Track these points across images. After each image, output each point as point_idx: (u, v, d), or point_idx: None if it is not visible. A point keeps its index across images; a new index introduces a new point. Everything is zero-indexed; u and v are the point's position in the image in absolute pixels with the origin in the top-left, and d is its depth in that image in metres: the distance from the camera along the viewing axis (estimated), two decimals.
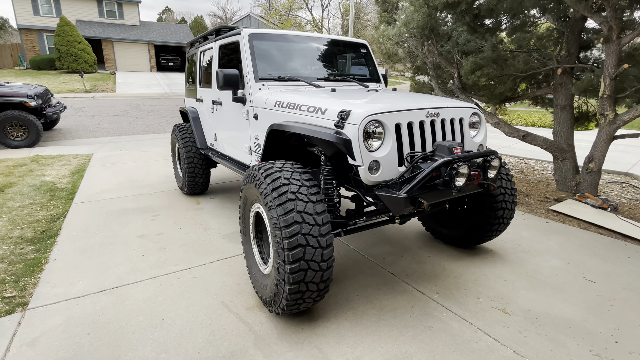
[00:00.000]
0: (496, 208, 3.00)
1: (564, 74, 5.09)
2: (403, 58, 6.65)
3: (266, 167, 2.28)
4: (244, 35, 3.22)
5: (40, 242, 3.55)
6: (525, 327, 2.36)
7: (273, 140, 2.81)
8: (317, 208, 2.08)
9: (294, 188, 2.10)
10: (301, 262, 1.99)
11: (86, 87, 18.42)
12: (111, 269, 3.05)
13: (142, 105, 15.51)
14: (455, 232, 3.38)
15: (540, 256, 3.37)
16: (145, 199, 4.86)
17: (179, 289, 2.76)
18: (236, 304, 2.56)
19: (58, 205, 4.65)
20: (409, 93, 3.38)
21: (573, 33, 5.00)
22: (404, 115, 2.28)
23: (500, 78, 5.35)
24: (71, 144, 8.86)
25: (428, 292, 2.74)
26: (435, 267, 3.12)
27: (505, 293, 2.75)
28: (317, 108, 2.40)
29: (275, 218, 2.04)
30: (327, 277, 2.11)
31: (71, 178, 5.89)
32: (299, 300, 2.11)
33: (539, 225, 4.13)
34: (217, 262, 3.18)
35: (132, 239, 3.63)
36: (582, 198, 4.87)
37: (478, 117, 2.74)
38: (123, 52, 27.40)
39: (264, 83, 3.12)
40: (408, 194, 2.07)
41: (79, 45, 22.24)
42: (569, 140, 5.24)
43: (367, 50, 3.91)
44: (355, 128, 2.11)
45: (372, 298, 2.65)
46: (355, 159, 2.13)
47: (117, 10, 27.87)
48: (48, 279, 2.89)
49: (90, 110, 13.59)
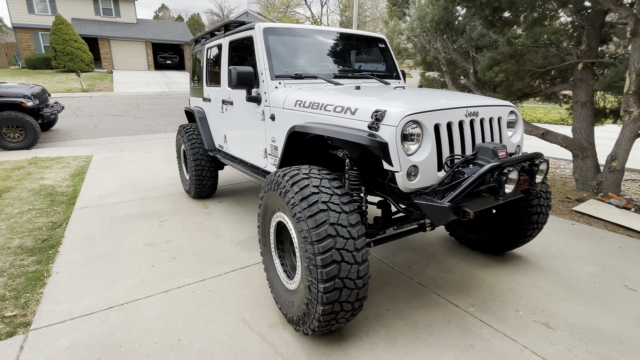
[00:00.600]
0: (531, 213, 2.81)
1: (585, 69, 4.90)
2: (413, 54, 6.44)
3: (291, 173, 2.07)
4: (258, 30, 3.01)
5: (42, 252, 3.34)
6: (574, 344, 2.18)
7: (293, 143, 2.60)
8: (351, 219, 1.88)
9: (324, 197, 1.89)
10: (336, 281, 1.79)
11: (83, 86, 18.12)
12: (119, 282, 2.84)
13: (141, 105, 15.25)
14: (484, 237, 3.19)
15: (573, 262, 3.18)
16: (151, 204, 4.65)
17: (194, 304, 2.56)
18: (258, 321, 2.36)
19: (59, 211, 4.43)
20: (440, 90, 3.17)
21: (594, 27, 4.80)
22: (443, 115, 2.08)
23: (517, 74, 5.15)
24: (70, 145, 8.62)
25: (463, 304, 2.55)
26: (465, 276, 2.93)
27: (545, 304, 2.56)
28: (345, 108, 2.19)
29: (305, 231, 1.84)
30: (363, 295, 1.91)
31: (71, 181, 5.67)
32: (332, 320, 1.92)
33: (565, 227, 3.95)
34: (232, 272, 2.98)
35: (140, 248, 3.42)
36: (605, 198, 4.68)
37: (515, 115, 2.54)
38: (120, 50, 27.03)
39: (281, 81, 2.91)
40: (452, 203, 1.87)
41: (75, 44, 21.88)
42: (589, 138, 5.05)
43: (385, 45, 3.70)
44: (392, 130, 1.91)
45: (404, 313, 2.45)
46: (392, 164, 1.93)
47: (114, 8, 27.46)
48: (51, 294, 2.68)
49: (88, 110, 13.32)
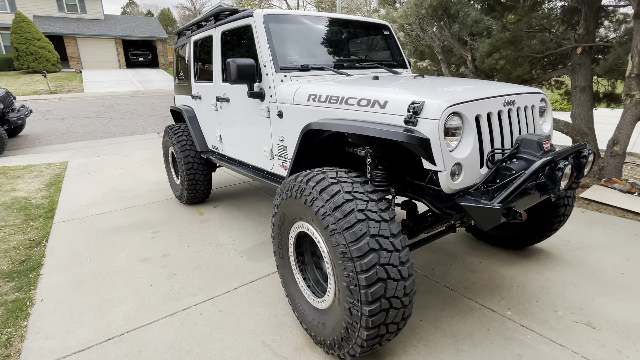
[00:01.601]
0: (558, 205, 2.66)
1: (583, 53, 4.82)
2: (405, 43, 6.23)
3: (317, 177, 1.82)
4: (258, 18, 2.70)
5: (21, 276, 2.96)
6: (623, 345, 2.04)
7: (306, 142, 2.34)
8: (392, 229, 1.65)
9: (361, 205, 1.65)
10: (382, 301, 1.56)
11: (51, 87, 17.06)
12: (116, 307, 2.52)
13: (115, 105, 14.48)
14: (506, 233, 3.03)
15: (595, 253, 3.08)
16: (139, 213, 4.28)
17: (205, 328, 2.28)
18: (280, 344, 2.11)
19: (36, 226, 4.01)
20: (463, 79, 2.97)
21: (591, 10, 4.72)
22: (483, 105, 1.86)
23: (515, 61, 5.03)
24: (41, 151, 8.00)
25: (498, 308, 2.38)
26: (493, 276, 2.76)
27: (582, 302, 2.43)
28: (372, 101, 1.95)
29: (343, 245, 1.59)
30: (409, 314, 1.69)
31: (47, 192, 5.20)
32: (376, 345, 1.69)
33: (577, 215, 3.86)
34: (242, 287, 2.70)
35: (134, 265, 3.09)
36: (608, 183, 4.65)
37: (545, 103, 2.36)
38: (88, 48, 25.65)
39: (286, 74, 2.63)
40: (503, 204, 1.67)
41: (38, 43, 20.55)
42: (589, 123, 5.01)
43: (390, 32, 3.46)
44: (434, 123, 1.68)
45: (439, 322, 2.26)
46: (434, 163, 1.71)
47: (79, 4, 25.93)
48: (38, 327, 2.34)
49: (58, 113, 12.51)
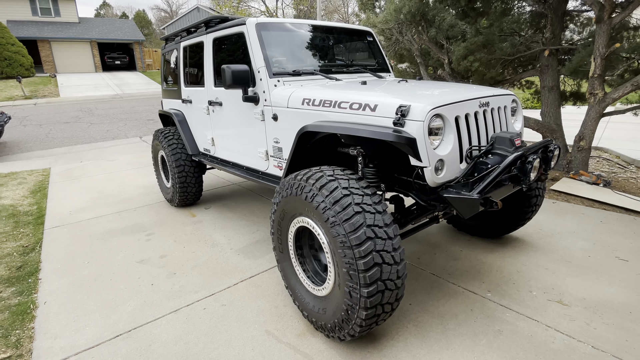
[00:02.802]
0: (530, 195, 2.93)
1: (550, 55, 5.18)
2: (386, 47, 6.48)
3: (316, 175, 1.99)
4: (250, 26, 2.85)
5: (20, 281, 2.99)
6: (591, 318, 2.30)
7: (302, 143, 2.50)
8: (385, 219, 1.83)
9: (357, 199, 1.83)
10: (378, 283, 1.75)
11: (25, 93, 16.53)
12: (120, 306, 2.61)
13: (94, 110, 14.20)
14: (483, 223, 3.29)
15: (565, 239, 3.38)
16: (131, 216, 4.33)
17: (210, 321, 2.40)
18: (283, 332, 2.27)
19: (27, 232, 4.00)
20: (444, 82, 3.20)
21: (557, 15, 5.08)
22: (462, 107, 2.08)
23: (489, 63, 5.35)
24: (21, 158, 7.83)
25: (479, 291, 2.61)
26: (473, 262, 3.00)
27: (553, 282, 2.69)
28: (363, 104, 2.13)
29: (342, 235, 1.77)
30: (401, 295, 1.88)
31: (33, 198, 5.15)
32: (373, 324, 1.88)
33: (548, 206, 4.18)
34: (241, 283, 2.84)
35: (133, 266, 3.17)
36: (576, 176, 5.02)
37: (516, 103, 2.62)
38: (63, 52, 24.91)
39: (279, 79, 2.78)
40: (481, 195, 1.88)
41: (12, 48, 19.84)
42: (557, 120, 5.38)
43: (373, 38, 3.67)
44: (419, 125, 1.88)
45: (426, 305, 2.46)
46: (420, 160, 1.91)
47: (52, 7, 25.13)
48: (45, 328, 2.41)
49: (35, 119, 12.19)
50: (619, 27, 4.76)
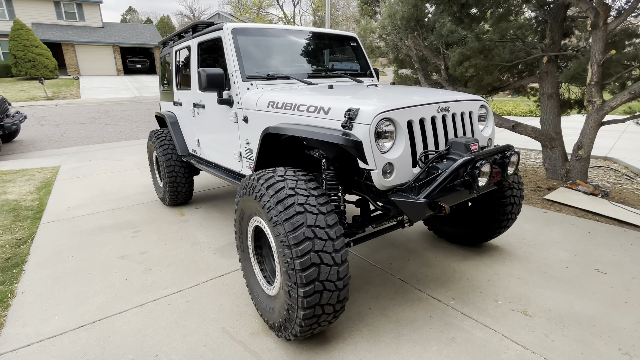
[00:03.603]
0: (505, 204, 2.87)
1: (549, 62, 5.07)
2: (386, 52, 6.49)
3: (266, 176, 2.03)
4: (227, 31, 2.93)
5: (5, 271, 3.14)
6: (550, 330, 2.23)
7: (267, 144, 2.55)
8: (328, 220, 1.85)
9: (301, 199, 1.86)
10: (316, 284, 1.76)
11: (48, 94, 17.31)
12: (91, 299, 2.71)
13: (110, 111, 14.72)
14: (461, 230, 3.24)
15: (546, 249, 3.28)
16: (123, 214, 4.48)
17: (171, 316, 2.46)
18: (238, 330, 2.30)
19: (24, 226, 4.19)
20: (411, 87, 3.20)
21: (556, 21, 4.98)
22: (415, 111, 2.08)
23: (486, 69, 5.28)
24: (35, 156, 8.20)
25: (444, 298, 2.57)
26: (445, 270, 2.96)
27: (522, 292, 2.63)
28: (318, 107, 2.17)
29: (282, 235, 1.79)
30: (344, 297, 1.89)
31: (37, 194, 5.39)
32: (314, 324, 1.89)
33: (538, 216, 4.07)
34: (210, 281, 2.89)
35: (113, 261, 3.28)
36: (573, 185, 4.87)
37: (486, 109, 2.59)
38: (86, 55, 25.99)
39: (253, 82, 2.85)
40: (428, 199, 1.88)
41: (36, 50, 20.87)
42: (556, 129, 5.24)
43: (357, 44, 3.70)
44: (365, 128, 1.90)
45: (386, 310, 2.45)
46: (367, 163, 1.92)
47: (77, 12, 26.35)
48: (17, 316, 2.52)
49: (53, 119, 12.73)
50: (621, 33, 4.63)
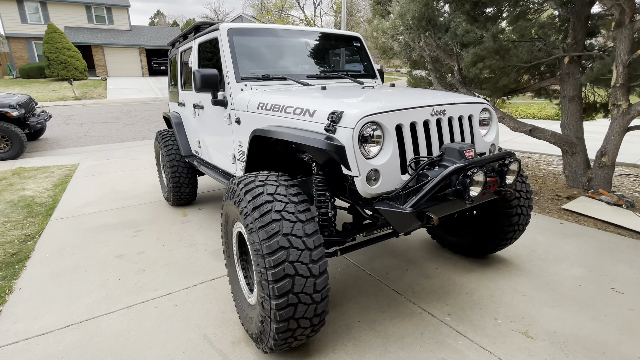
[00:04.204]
0: (511, 214, 2.68)
1: (571, 63, 4.77)
2: (399, 52, 6.31)
3: (247, 180, 1.95)
4: (223, 31, 2.89)
5: (9, 267, 3.21)
6: (554, 355, 2.04)
7: (257, 147, 2.48)
8: (307, 229, 1.75)
9: (279, 206, 1.77)
10: (289, 296, 1.66)
11: (76, 94, 18.04)
12: (82, 298, 2.72)
13: (132, 111, 15.15)
14: (465, 240, 3.06)
15: (559, 264, 3.05)
16: (129, 213, 4.53)
17: (156, 320, 2.43)
18: (220, 338, 2.24)
19: (35, 222, 4.31)
20: (409, 89, 3.05)
21: (579, 19, 4.68)
22: (405, 115, 1.95)
23: (503, 70, 5.02)
24: (57, 154, 8.50)
25: (439, 313, 2.42)
26: (445, 282, 2.80)
27: (526, 311, 2.43)
28: (304, 110, 2.07)
29: (257, 243, 1.71)
30: (322, 310, 1.78)
31: (53, 191, 5.55)
32: (289, 338, 1.79)
33: (553, 227, 3.82)
34: (200, 285, 2.85)
35: (110, 260, 3.30)
36: (595, 195, 4.55)
37: (489, 113, 2.41)
38: (114, 57, 26.98)
39: (247, 83, 2.79)
40: (414, 208, 1.75)
41: (68, 52, 21.82)
42: (578, 133, 4.92)
43: (361, 44, 3.58)
44: (349, 132, 1.79)
45: (375, 324, 2.32)
46: (350, 169, 1.81)
47: (107, 15, 27.42)
48: (10, 312, 2.56)
49: (79, 118, 13.22)
50: None
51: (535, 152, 7.76)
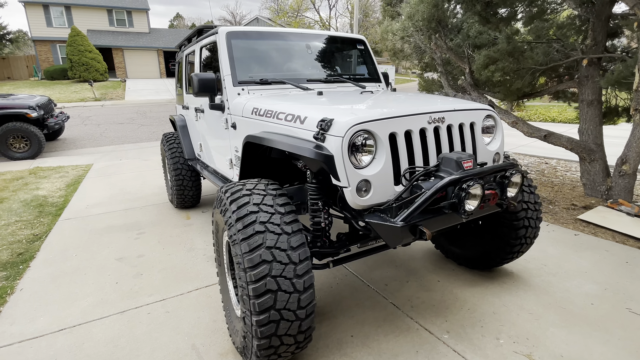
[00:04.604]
0: (517, 226, 2.54)
1: (590, 65, 4.54)
2: (410, 54, 6.18)
3: (234, 189, 1.89)
4: (221, 35, 2.86)
5: (13, 267, 3.27)
6: None
7: (251, 153, 2.42)
8: (292, 241, 1.68)
9: (263, 217, 1.70)
10: (271, 312, 1.59)
11: (96, 95, 18.54)
12: (79, 301, 2.72)
13: (148, 112, 15.44)
14: (470, 252, 2.92)
15: (571, 280, 2.88)
16: (134, 214, 4.56)
17: (147, 327, 2.40)
18: (208, 349, 2.19)
19: (44, 222, 4.39)
20: (410, 94, 2.95)
21: (599, 19, 4.44)
22: (399, 123, 1.85)
23: (517, 72, 4.83)
24: (73, 154, 8.72)
25: (437, 330, 2.30)
26: (446, 296, 2.67)
27: (531, 331, 2.29)
28: (295, 116, 2.00)
29: (239, 256, 1.65)
30: (307, 327, 1.71)
31: (65, 191, 5.66)
32: (272, 355, 1.72)
33: (567, 238, 3.62)
34: (195, 291, 2.81)
35: (110, 263, 3.31)
36: (615, 205, 4.31)
37: (493, 120, 2.28)
38: (133, 59, 27.64)
39: (244, 87, 2.74)
40: (406, 222, 1.65)
41: (89, 55, 22.48)
42: (597, 139, 4.68)
43: (365, 47, 3.49)
44: (338, 141, 1.71)
45: (369, 340, 2.23)
46: (339, 179, 1.73)
47: (127, 19, 28.15)
48: (8, 314, 2.59)
49: (96, 119, 13.56)
50: None
51: (553, 158, 7.47)
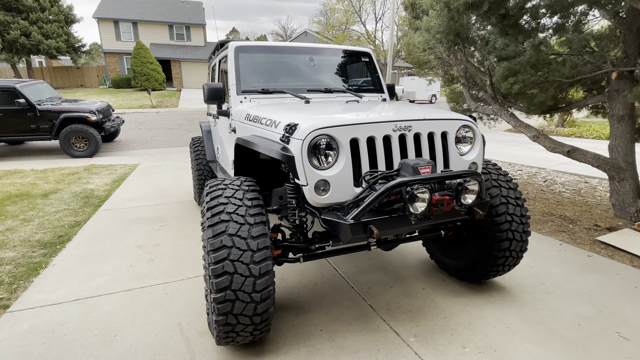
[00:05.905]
0: (500, 238, 2.52)
1: (621, 78, 4.28)
2: (435, 66, 6.18)
3: (214, 183, 2.14)
4: (231, 49, 3.18)
5: (52, 246, 3.79)
6: None
7: (243, 154, 2.68)
8: (253, 231, 1.88)
9: (230, 208, 1.92)
10: (227, 292, 1.79)
11: (153, 103, 20.31)
12: (96, 278, 3.12)
13: (195, 119, 16.59)
14: (459, 263, 2.92)
15: (565, 299, 2.76)
16: (162, 209, 5.03)
17: (145, 304, 2.71)
18: (191, 327, 2.43)
19: (87, 211, 4.99)
20: (397, 103, 3.04)
21: (631, 31, 4.20)
22: (362, 129, 1.99)
23: (541, 85, 4.67)
24: (125, 154, 9.67)
25: (405, 333, 2.35)
26: (425, 304, 2.70)
27: (502, 344, 2.26)
28: (272, 121, 2.22)
29: (205, 241, 1.88)
30: (264, 310, 1.88)
31: (110, 186, 6.35)
32: (231, 333, 1.91)
33: (578, 259, 3.43)
34: (194, 278, 3.10)
35: (130, 249, 3.72)
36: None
37: (471, 130, 2.33)
38: (189, 70, 29.86)
39: (246, 96, 3.03)
40: (355, 220, 1.78)
41: (150, 66, 24.71)
42: (628, 157, 4.37)
43: (370, 59, 3.64)
44: (299, 143, 1.89)
45: (336, 335, 2.34)
46: (299, 178, 1.90)
47: (185, 33, 30.60)
48: (38, 283, 3.04)
49: (150, 124, 14.86)
50: None
51: (596, 177, 6.96)
